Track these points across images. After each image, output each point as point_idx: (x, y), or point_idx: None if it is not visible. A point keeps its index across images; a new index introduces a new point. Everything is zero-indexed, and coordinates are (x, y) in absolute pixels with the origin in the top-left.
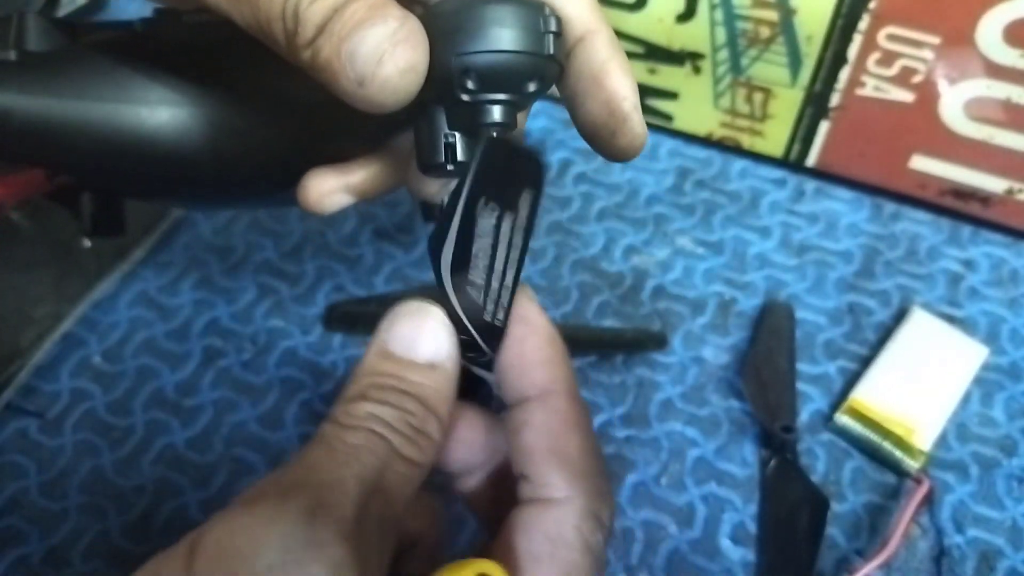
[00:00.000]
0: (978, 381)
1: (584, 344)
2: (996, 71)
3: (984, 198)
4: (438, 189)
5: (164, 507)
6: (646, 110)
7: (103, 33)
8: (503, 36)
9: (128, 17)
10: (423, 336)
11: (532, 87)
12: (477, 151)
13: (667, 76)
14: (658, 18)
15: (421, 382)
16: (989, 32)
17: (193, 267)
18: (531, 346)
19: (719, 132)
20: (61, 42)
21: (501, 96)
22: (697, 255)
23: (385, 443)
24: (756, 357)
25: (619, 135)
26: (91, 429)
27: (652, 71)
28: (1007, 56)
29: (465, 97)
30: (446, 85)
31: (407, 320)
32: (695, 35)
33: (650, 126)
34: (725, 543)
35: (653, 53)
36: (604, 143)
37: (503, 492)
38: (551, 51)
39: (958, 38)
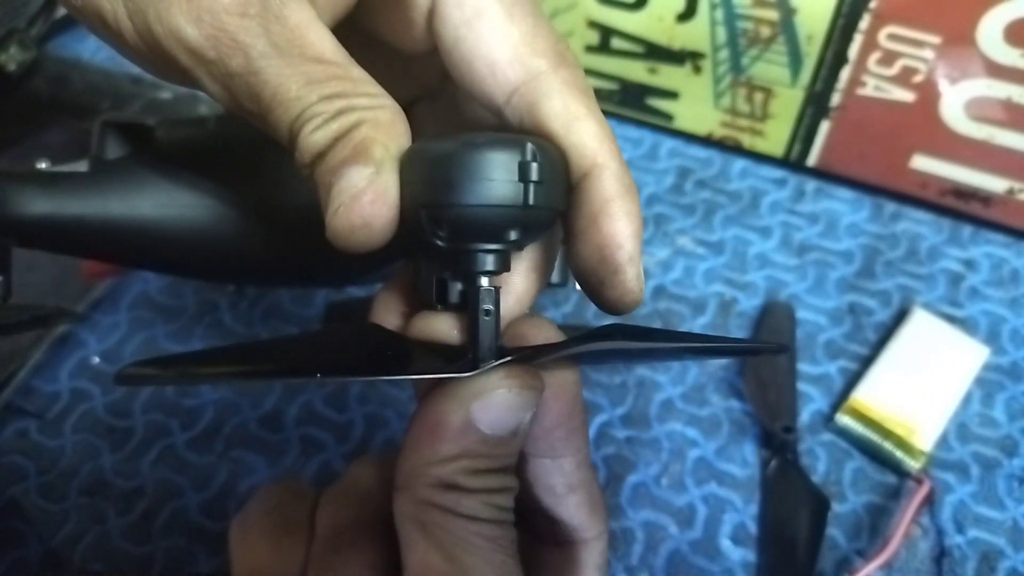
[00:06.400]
0: (979, 381)
1: None
2: (997, 71)
3: (985, 198)
4: None
5: (164, 508)
6: (646, 109)
7: (179, 130)
8: (471, 191)
9: None
10: (522, 416)
11: (514, 236)
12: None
13: (667, 76)
14: (658, 17)
15: (510, 454)
16: (990, 32)
17: None
18: (567, 413)
19: (719, 132)
20: (135, 147)
21: (482, 246)
22: (697, 255)
23: (501, 553)
24: (757, 357)
25: (608, 286)
26: (91, 430)
27: (652, 71)
28: (1008, 56)
29: (441, 244)
30: (422, 233)
31: (505, 399)
32: (695, 34)
33: (650, 126)
34: (726, 543)
35: (653, 52)
36: (593, 291)
37: None
38: (531, 201)
39: (959, 38)
